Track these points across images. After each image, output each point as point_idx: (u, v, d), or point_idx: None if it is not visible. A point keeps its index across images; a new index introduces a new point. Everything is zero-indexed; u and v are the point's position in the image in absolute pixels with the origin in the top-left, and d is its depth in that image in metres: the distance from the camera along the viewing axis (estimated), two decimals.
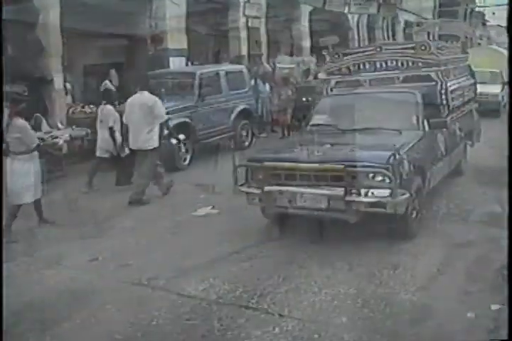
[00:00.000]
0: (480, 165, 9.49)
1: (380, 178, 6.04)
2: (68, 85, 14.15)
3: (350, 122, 7.32)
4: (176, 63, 16.32)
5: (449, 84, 8.19)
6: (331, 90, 8.76)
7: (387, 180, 5.95)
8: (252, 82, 15.27)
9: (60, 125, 12.08)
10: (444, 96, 8.01)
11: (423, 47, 8.18)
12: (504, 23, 29.69)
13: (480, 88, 13.09)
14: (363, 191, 6.05)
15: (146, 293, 5.48)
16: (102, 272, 6.08)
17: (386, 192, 5.96)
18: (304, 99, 14.88)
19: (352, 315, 4.75)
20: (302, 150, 6.73)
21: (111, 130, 9.62)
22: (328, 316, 4.78)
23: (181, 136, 9.99)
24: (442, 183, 7.95)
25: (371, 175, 6.07)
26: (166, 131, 9.36)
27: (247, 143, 13.56)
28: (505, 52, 17.61)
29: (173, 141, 9.62)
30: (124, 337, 4.60)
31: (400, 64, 8.32)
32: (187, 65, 16.96)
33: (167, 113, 9.54)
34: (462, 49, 10.43)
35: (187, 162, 11.36)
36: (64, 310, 5.11)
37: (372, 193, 6.03)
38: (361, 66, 8.57)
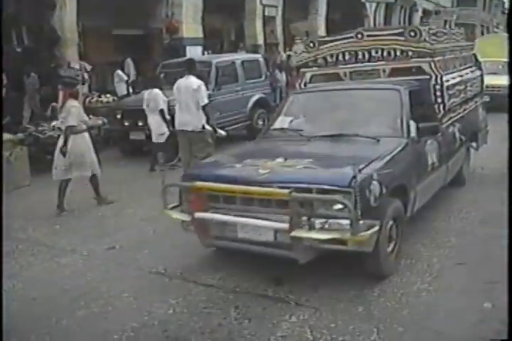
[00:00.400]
0: (485, 170, 9.02)
1: (338, 206, 4.65)
2: (85, 75, 14.19)
3: (317, 127, 6.22)
4: (192, 52, 16.33)
5: (445, 78, 6.95)
6: (305, 85, 7.58)
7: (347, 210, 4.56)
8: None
9: None
10: (439, 93, 6.78)
11: (413, 34, 6.92)
12: None
13: (491, 80, 12.45)
14: (317, 222, 4.70)
15: (163, 281, 5.48)
16: (119, 260, 6.09)
17: (347, 224, 4.61)
18: None
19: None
20: (246, 166, 5.31)
21: (162, 112, 9.95)
22: (343, 305, 4.77)
23: (222, 132, 9.83)
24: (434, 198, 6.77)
25: (327, 202, 4.73)
26: None
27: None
28: None
29: (208, 127, 9.62)
30: (141, 325, 4.60)
31: (386, 54, 7.10)
32: (203, 54, 16.95)
33: None
34: (466, 36, 9.11)
35: None
36: (81, 299, 5.13)
37: (329, 225, 4.68)
38: (340, 56, 7.36)
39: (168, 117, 10.04)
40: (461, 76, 7.79)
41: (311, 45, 7.57)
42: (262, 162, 5.28)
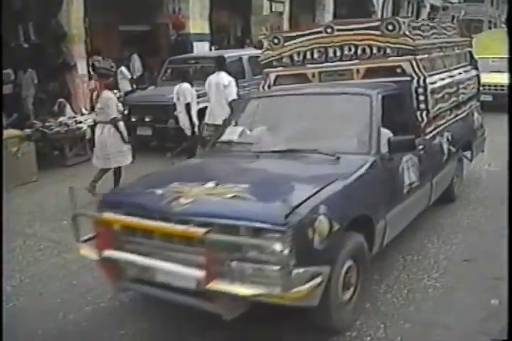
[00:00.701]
0: (493, 166, 8.66)
1: (270, 250, 3.58)
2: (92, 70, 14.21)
3: (271, 140, 5.27)
4: (199, 48, 16.33)
5: (431, 80, 6.00)
6: (269, 88, 6.62)
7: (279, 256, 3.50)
8: None
9: (83, 110, 12.16)
10: (422, 98, 5.81)
11: (390, 27, 5.91)
12: None
13: (495, 78, 11.94)
14: (246, 268, 3.64)
15: None
16: None
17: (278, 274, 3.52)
18: None
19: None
20: (168, 193, 4.14)
21: (188, 106, 9.98)
22: None
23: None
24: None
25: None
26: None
27: None
28: None
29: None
30: (146, 320, 4.61)
31: (360, 51, 6.11)
32: (210, 49, 16.94)
33: None
34: (460, 30, 7.93)
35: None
36: (88, 294, 5.14)
37: (263, 272, 3.60)
38: (308, 55, 6.39)
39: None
40: (451, 76, 6.85)
41: (275, 41, 6.59)
42: (189, 188, 4.16)
